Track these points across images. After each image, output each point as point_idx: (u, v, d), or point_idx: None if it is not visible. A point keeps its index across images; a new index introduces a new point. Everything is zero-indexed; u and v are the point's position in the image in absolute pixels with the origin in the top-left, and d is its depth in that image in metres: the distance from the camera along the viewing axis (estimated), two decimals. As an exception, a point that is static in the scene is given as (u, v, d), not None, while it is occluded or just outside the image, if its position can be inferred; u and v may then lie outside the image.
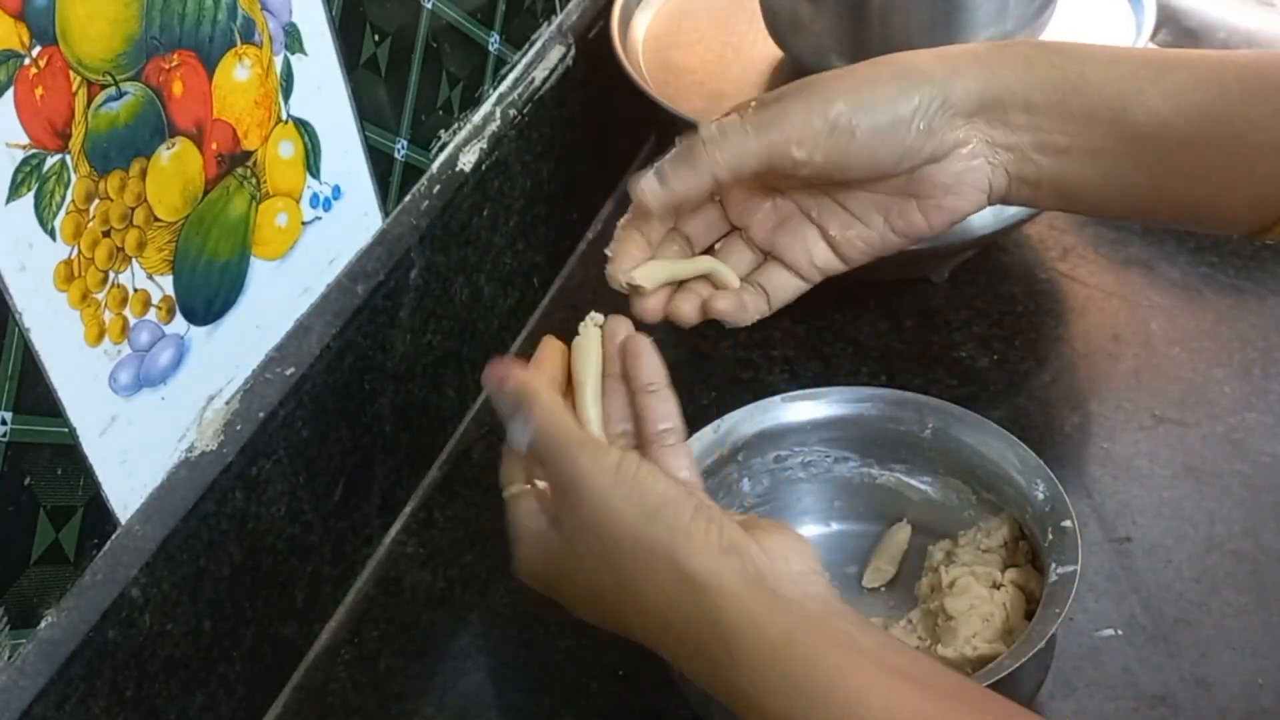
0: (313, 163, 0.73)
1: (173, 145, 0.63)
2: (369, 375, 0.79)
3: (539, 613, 0.78)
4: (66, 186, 0.58)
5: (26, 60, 0.55)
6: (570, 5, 0.98)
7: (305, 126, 0.72)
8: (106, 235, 0.60)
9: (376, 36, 0.76)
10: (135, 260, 0.62)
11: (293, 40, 0.70)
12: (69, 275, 0.59)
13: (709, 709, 0.70)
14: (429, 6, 0.81)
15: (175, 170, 0.64)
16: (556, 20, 0.97)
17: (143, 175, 0.62)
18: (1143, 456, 0.82)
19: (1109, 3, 0.96)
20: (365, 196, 0.79)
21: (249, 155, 0.68)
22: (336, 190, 0.76)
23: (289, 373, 0.73)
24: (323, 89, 0.73)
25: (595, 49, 0.98)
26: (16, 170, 0.55)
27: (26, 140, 0.55)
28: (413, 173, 0.83)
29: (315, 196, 0.74)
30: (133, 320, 0.63)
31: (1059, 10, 0.91)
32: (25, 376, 0.57)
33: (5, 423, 0.56)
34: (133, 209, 0.62)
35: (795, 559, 0.55)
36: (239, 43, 0.66)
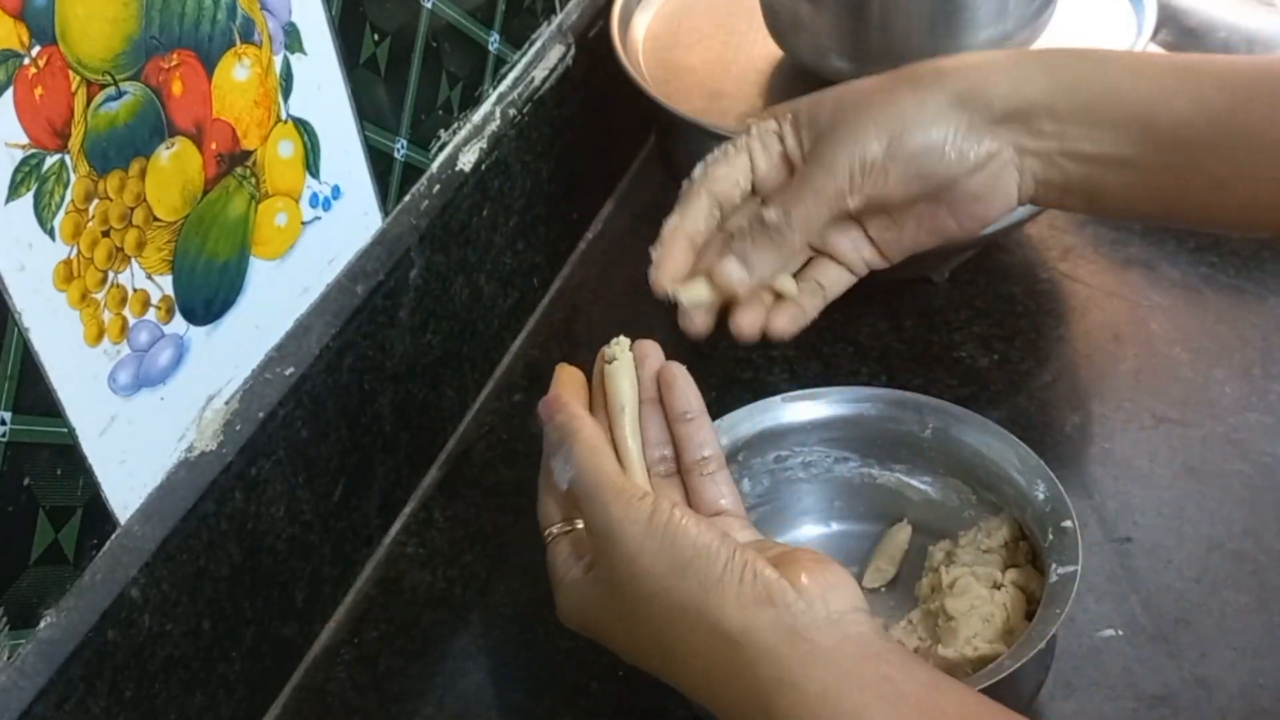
0: (312, 162, 0.73)
1: (172, 145, 0.63)
2: (369, 375, 0.79)
3: (539, 613, 0.78)
4: (66, 186, 0.58)
5: (26, 60, 0.55)
6: (570, 5, 0.98)
7: (305, 126, 0.72)
8: (106, 235, 0.60)
9: (376, 36, 0.76)
10: (135, 260, 0.62)
11: (292, 40, 0.70)
12: (68, 275, 0.59)
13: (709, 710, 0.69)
14: (429, 6, 0.81)
15: (175, 170, 0.64)
16: (556, 20, 0.97)
17: (142, 175, 0.62)
18: (1143, 456, 0.82)
19: (1109, 3, 0.96)
20: (365, 196, 0.79)
21: (248, 155, 0.68)
22: (336, 190, 0.76)
23: (289, 373, 0.73)
24: (322, 89, 0.73)
25: (595, 49, 0.98)
26: (16, 170, 0.55)
27: (26, 140, 0.55)
28: (412, 172, 0.83)
29: (315, 196, 0.74)
30: (132, 320, 0.63)
31: (1059, 10, 0.91)
32: (25, 376, 0.57)
33: (4, 423, 0.56)
34: (132, 209, 0.62)
35: (834, 596, 0.53)
36: (238, 42, 0.66)
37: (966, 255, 0.93)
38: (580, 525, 0.60)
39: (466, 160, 0.87)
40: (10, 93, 0.54)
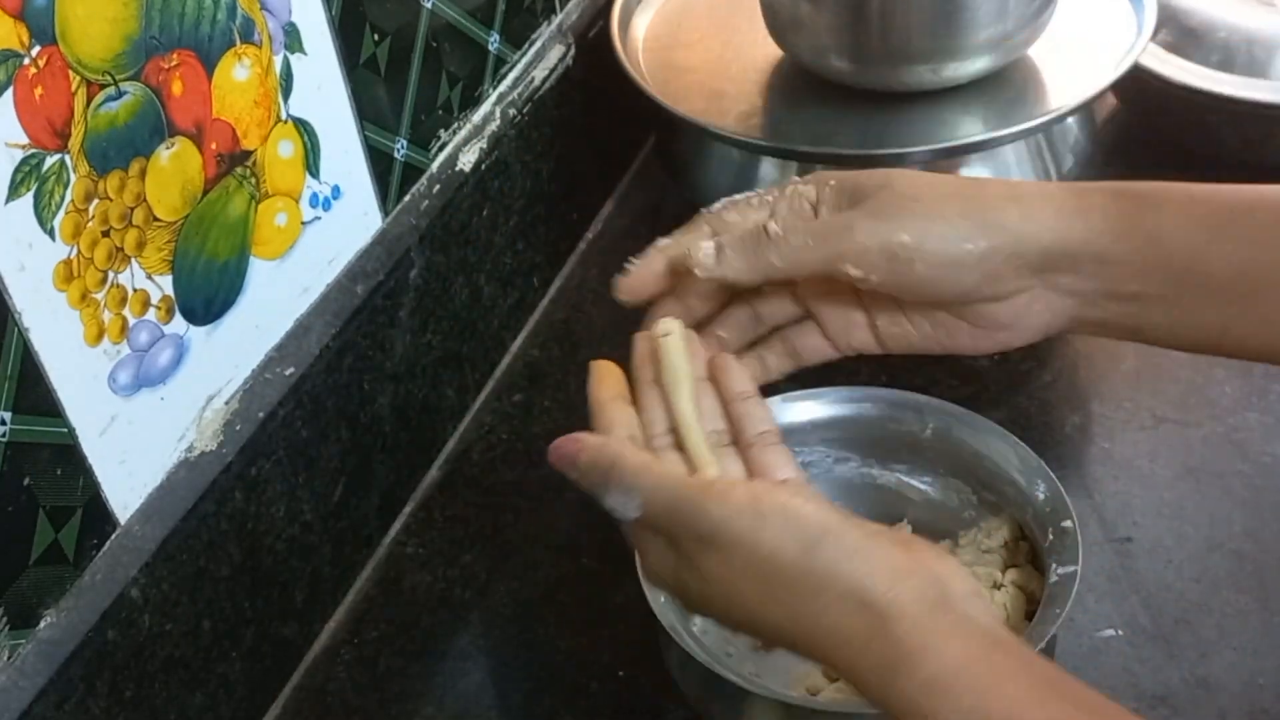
0: (312, 162, 0.73)
1: (172, 145, 0.63)
2: (368, 375, 0.79)
3: (539, 613, 0.78)
4: (66, 186, 0.58)
5: (26, 60, 0.55)
6: (570, 5, 0.98)
7: (305, 126, 0.72)
8: (106, 235, 0.60)
9: (376, 36, 0.76)
10: (135, 260, 0.62)
11: (292, 40, 0.70)
12: (68, 275, 0.59)
13: (709, 709, 0.70)
14: (429, 6, 0.81)
15: (175, 170, 0.64)
16: (556, 20, 0.97)
17: (142, 175, 0.62)
18: (1143, 456, 0.82)
19: (1109, 3, 0.96)
20: (365, 196, 0.79)
21: (248, 155, 0.68)
22: (336, 190, 0.76)
23: (289, 373, 0.73)
24: (322, 89, 0.73)
25: (595, 49, 0.98)
26: (16, 170, 0.55)
27: (26, 140, 0.55)
28: (412, 172, 0.83)
29: (315, 196, 0.74)
30: (132, 320, 0.63)
31: (1059, 10, 0.91)
32: (25, 376, 0.57)
33: (5, 423, 0.56)
34: (132, 209, 0.62)
35: (957, 580, 0.53)
36: (238, 42, 0.66)
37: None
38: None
39: (466, 160, 0.87)
40: (10, 93, 0.54)
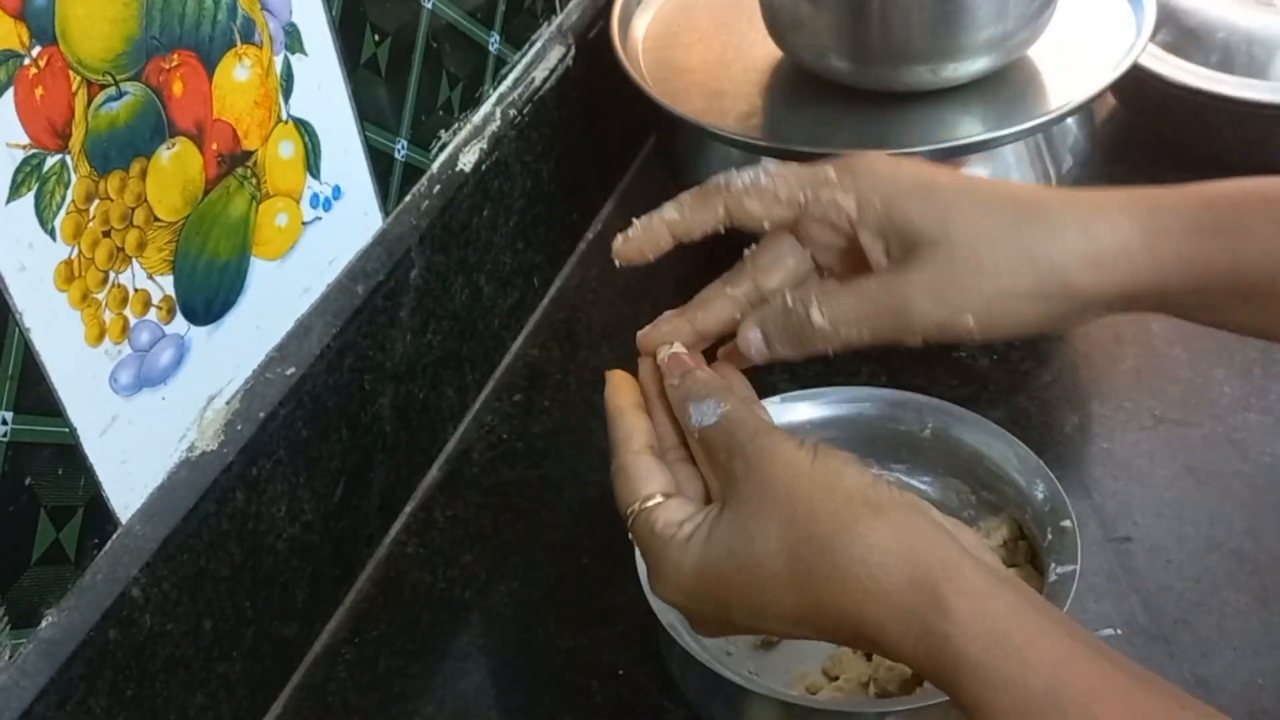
0: (313, 163, 0.73)
1: (173, 145, 0.63)
2: (369, 375, 0.79)
3: (539, 613, 0.78)
4: (66, 186, 0.58)
5: (26, 60, 0.55)
6: (570, 5, 0.98)
7: (305, 126, 0.72)
8: (107, 235, 0.60)
9: (376, 36, 0.76)
10: (135, 260, 0.62)
11: (293, 40, 0.70)
12: (69, 275, 0.59)
13: (709, 709, 0.70)
14: (429, 6, 0.81)
15: (175, 170, 0.64)
16: (556, 20, 0.97)
17: (143, 175, 0.62)
18: (1143, 456, 0.82)
19: (1109, 3, 0.96)
20: (365, 196, 0.79)
21: (249, 155, 0.68)
22: (336, 190, 0.76)
23: (289, 373, 0.73)
24: (323, 89, 0.73)
25: (595, 49, 0.98)
26: (16, 170, 0.55)
27: (26, 140, 0.55)
28: (413, 173, 0.83)
29: (315, 196, 0.74)
30: (133, 320, 0.63)
31: (1059, 10, 0.91)
32: (25, 376, 0.57)
33: (6, 423, 0.56)
34: (133, 209, 0.62)
35: (961, 532, 0.55)
36: (239, 43, 0.66)
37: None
38: (668, 499, 0.58)
39: (467, 160, 0.87)
40: (11, 93, 0.54)
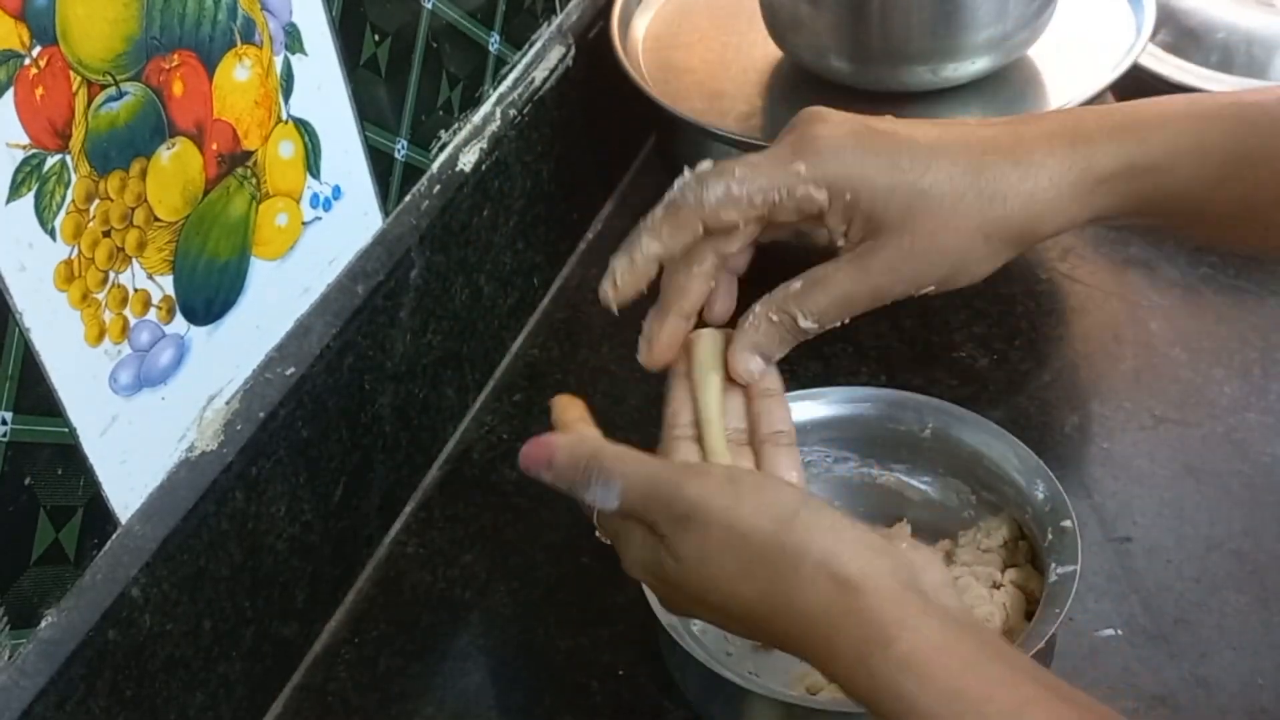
0: (313, 163, 0.73)
1: (173, 145, 0.63)
2: (369, 375, 0.79)
3: (539, 613, 0.78)
4: (66, 186, 0.58)
5: (27, 60, 0.55)
6: (570, 5, 0.98)
7: (305, 126, 0.72)
8: (107, 235, 0.60)
9: (376, 36, 0.76)
10: (135, 260, 0.62)
11: (293, 40, 0.70)
12: (69, 275, 0.59)
13: (709, 709, 0.70)
14: (429, 6, 0.81)
15: (175, 170, 0.64)
16: (556, 20, 0.97)
17: (143, 175, 0.62)
18: (1143, 456, 0.82)
19: (1109, 3, 0.96)
20: (365, 196, 0.79)
21: (249, 155, 0.68)
22: (336, 190, 0.76)
23: (289, 373, 0.73)
24: (323, 89, 0.73)
25: (595, 49, 0.98)
26: (16, 170, 0.55)
27: (27, 140, 0.55)
28: (413, 173, 0.83)
29: (315, 196, 0.74)
30: (133, 320, 0.63)
31: (1059, 10, 0.91)
32: (25, 376, 0.57)
33: (5, 423, 0.56)
34: (133, 209, 0.62)
35: (929, 571, 0.54)
36: (239, 43, 0.66)
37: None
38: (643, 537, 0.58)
39: (467, 160, 0.87)
40: (11, 93, 0.54)
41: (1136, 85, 0.98)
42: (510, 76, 0.92)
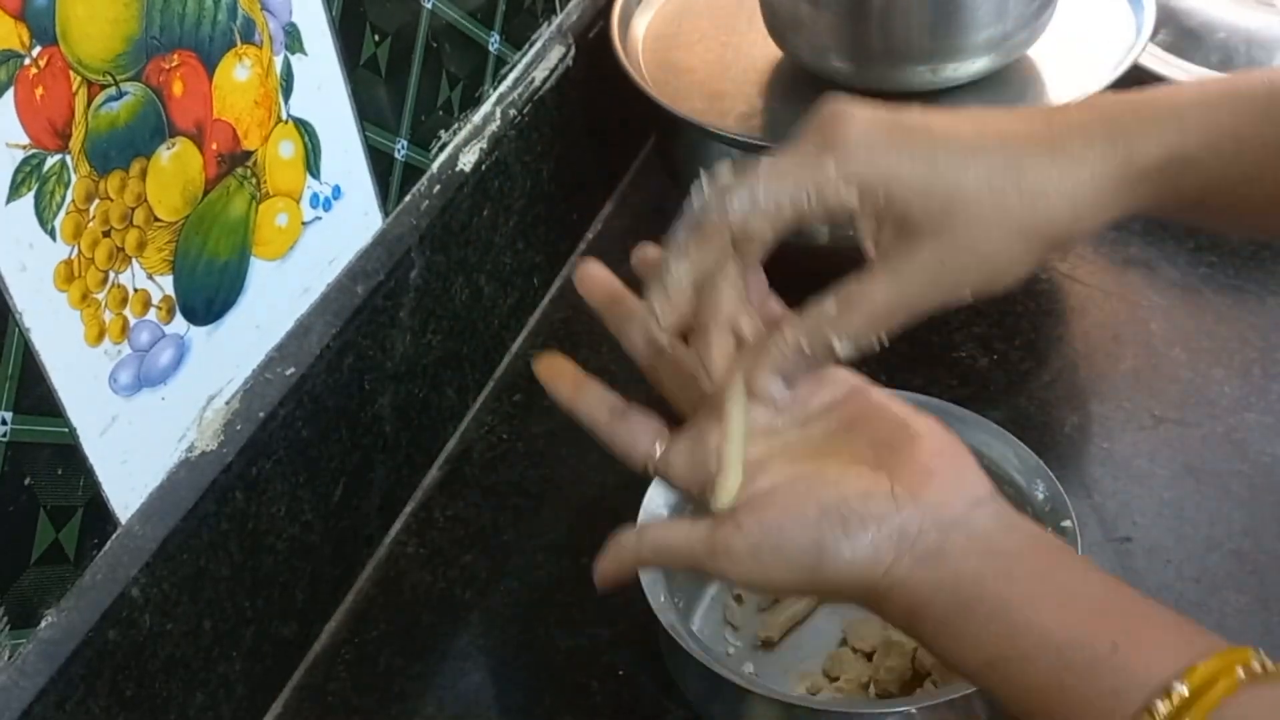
0: (313, 163, 0.73)
1: (173, 145, 0.63)
2: (369, 375, 0.79)
3: (539, 613, 0.78)
4: (66, 186, 0.58)
5: (26, 60, 0.55)
6: (570, 5, 0.98)
7: (305, 126, 0.72)
8: (107, 235, 0.60)
9: (376, 36, 0.76)
10: (135, 260, 0.62)
11: (293, 40, 0.70)
12: (69, 275, 0.59)
13: (709, 709, 0.70)
14: (429, 6, 0.81)
15: (175, 170, 0.64)
16: (556, 20, 0.97)
17: (143, 175, 0.62)
18: (1143, 456, 0.82)
19: (1109, 3, 0.96)
20: (365, 196, 0.79)
21: (249, 155, 0.68)
22: (336, 190, 0.76)
23: (289, 373, 0.73)
24: (323, 89, 0.73)
25: (595, 49, 0.98)
26: (16, 170, 0.55)
27: (26, 140, 0.55)
28: (413, 173, 0.83)
29: (315, 196, 0.74)
30: (133, 320, 0.63)
31: (1059, 10, 0.91)
32: (25, 376, 0.57)
33: (5, 423, 0.56)
34: (133, 209, 0.62)
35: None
36: (239, 43, 0.66)
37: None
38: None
39: (467, 160, 0.87)
40: (11, 93, 0.54)
41: (1137, 85, 0.98)
42: (510, 76, 0.92)
